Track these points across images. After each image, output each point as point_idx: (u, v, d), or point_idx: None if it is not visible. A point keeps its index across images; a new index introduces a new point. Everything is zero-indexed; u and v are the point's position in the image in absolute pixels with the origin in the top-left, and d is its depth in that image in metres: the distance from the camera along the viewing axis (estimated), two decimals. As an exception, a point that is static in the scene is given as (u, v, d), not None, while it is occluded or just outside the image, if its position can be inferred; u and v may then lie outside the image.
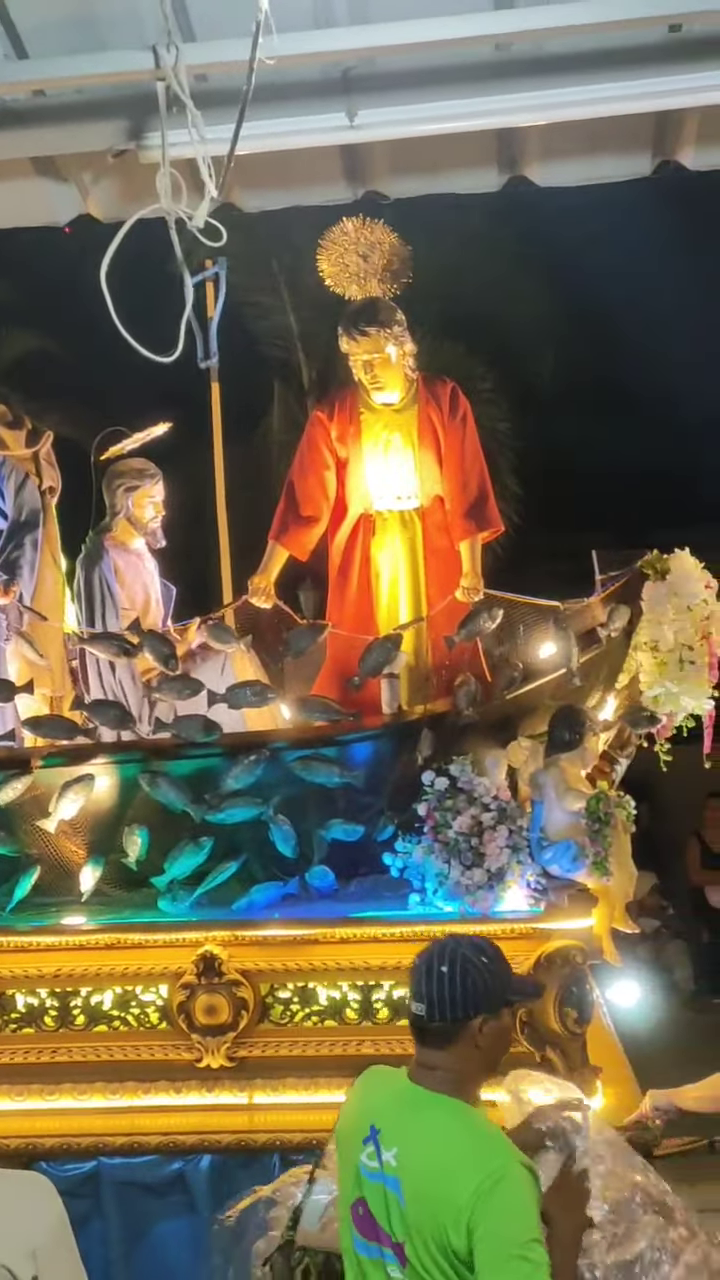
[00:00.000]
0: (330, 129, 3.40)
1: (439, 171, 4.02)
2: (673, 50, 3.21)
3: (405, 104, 3.33)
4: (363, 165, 4.00)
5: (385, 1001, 3.63)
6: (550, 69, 3.25)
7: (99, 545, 4.69)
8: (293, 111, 3.38)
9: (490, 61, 3.32)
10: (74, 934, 3.74)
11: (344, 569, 4.62)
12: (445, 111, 3.33)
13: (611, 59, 3.21)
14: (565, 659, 4.12)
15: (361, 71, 3.35)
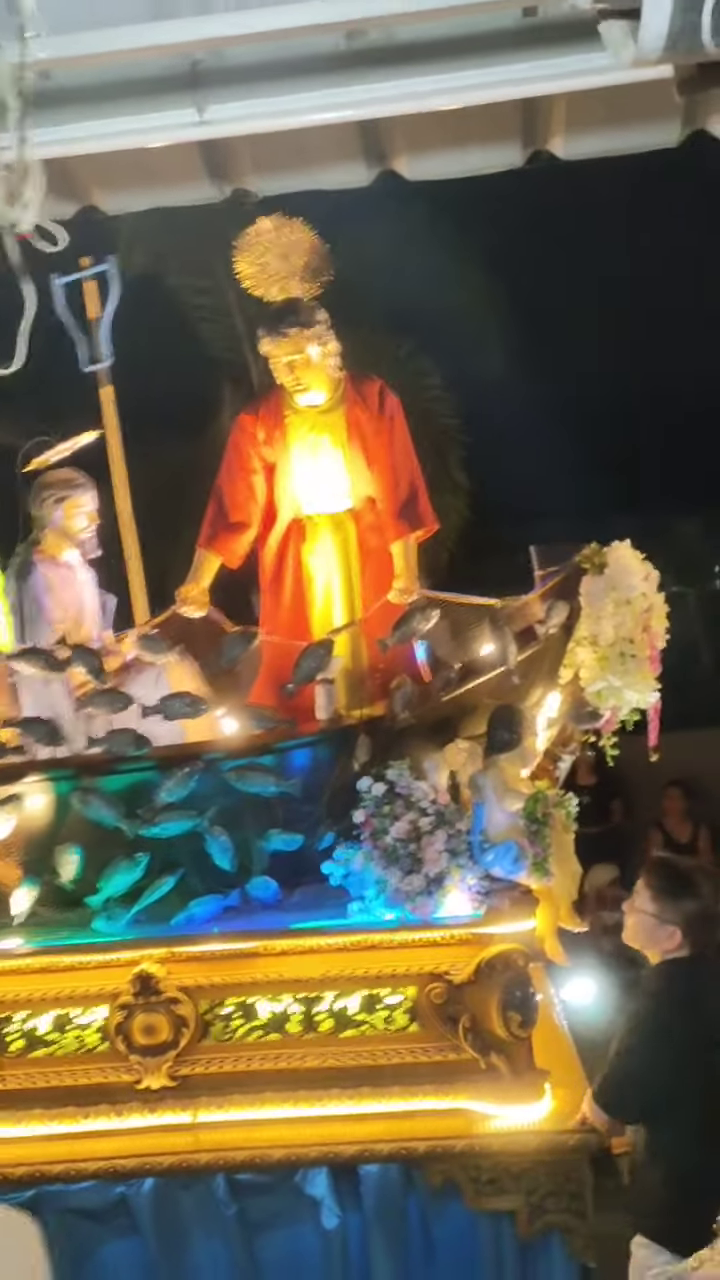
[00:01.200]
0: (181, 125, 3.31)
1: (305, 167, 3.95)
2: (529, 35, 3.14)
3: (257, 98, 3.25)
4: (225, 162, 3.94)
5: (328, 1013, 3.57)
6: (404, 58, 3.17)
7: (28, 559, 4.60)
8: (140, 109, 3.28)
9: (342, 52, 3.24)
10: (6, 958, 3.67)
11: (277, 574, 4.56)
12: (299, 105, 3.24)
13: (466, 46, 3.13)
14: (503, 657, 4.08)
15: (209, 65, 3.26)
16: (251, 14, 2.89)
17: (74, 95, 3.36)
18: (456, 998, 3.50)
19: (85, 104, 3.40)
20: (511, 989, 3.47)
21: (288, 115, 3.36)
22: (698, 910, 3.21)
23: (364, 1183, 3.43)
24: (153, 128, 3.43)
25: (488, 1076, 3.48)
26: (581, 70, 3.14)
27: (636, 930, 3.31)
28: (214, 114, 3.34)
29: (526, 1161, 3.40)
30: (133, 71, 3.34)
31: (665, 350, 11.01)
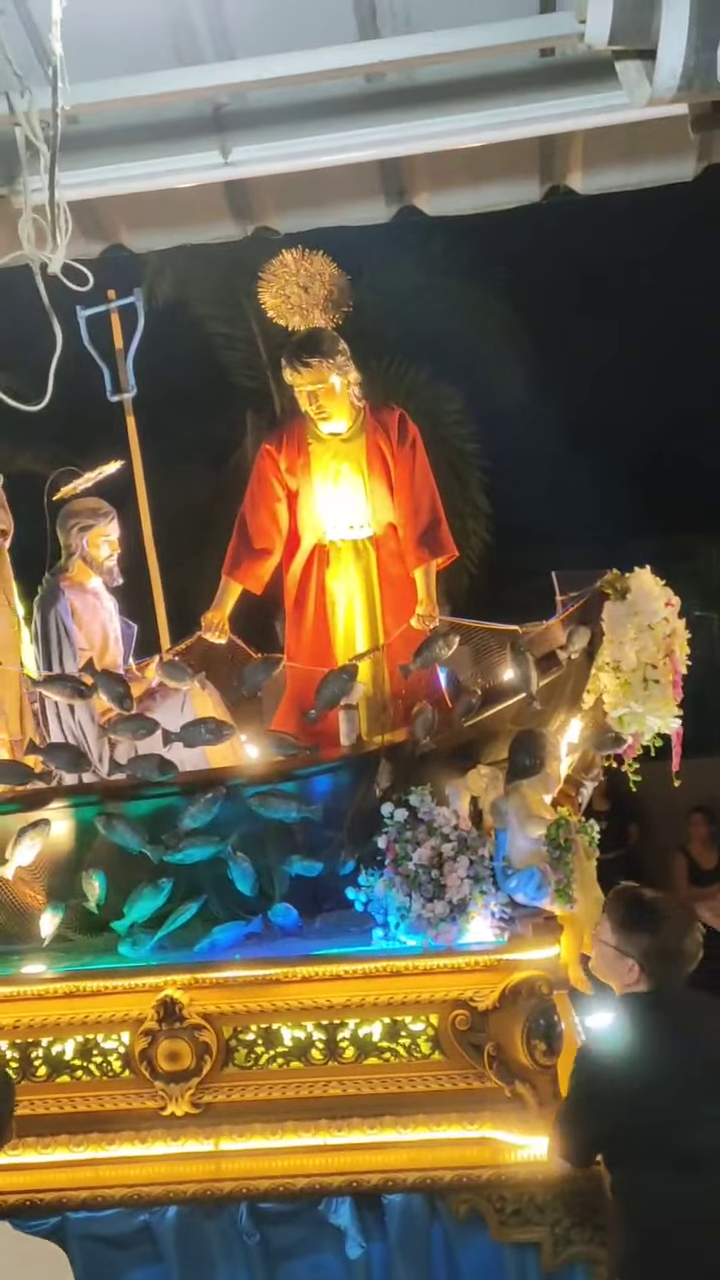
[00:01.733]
0: (206, 167, 3.39)
1: (327, 205, 4.02)
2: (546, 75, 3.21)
3: (280, 139, 3.32)
4: (248, 202, 4.01)
5: (351, 1040, 3.57)
6: (424, 98, 3.25)
7: (55, 586, 4.65)
8: (166, 151, 3.37)
9: (362, 93, 3.32)
10: (32, 983, 3.69)
11: (299, 601, 4.59)
12: (321, 145, 3.32)
13: (485, 86, 3.21)
14: (524, 683, 4.08)
15: (233, 108, 3.34)
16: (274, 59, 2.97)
17: (102, 139, 3.46)
18: (480, 1025, 3.49)
19: (113, 147, 3.50)
20: (536, 1017, 3.46)
21: (310, 156, 3.44)
22: (656, 945, 3.00)
23: (388, 1212, 3.41)
24: (179, 169, 3.52)
25: (512, 1105, 3.46)
26: (598, 109, 3.20)
27: (599, 962, 3.15)
28: (238, 155, 3.43)
29: (551, 1192, 3.37)
30: (158, 115, 3.43)
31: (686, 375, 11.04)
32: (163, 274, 9.41)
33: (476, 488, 9.58)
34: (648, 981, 3.02)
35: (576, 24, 2.46)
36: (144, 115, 3.35)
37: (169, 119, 3.37)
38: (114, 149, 3.40)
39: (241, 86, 3.19)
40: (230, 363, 10.41)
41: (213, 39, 3.22)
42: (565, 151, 3.81)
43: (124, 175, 3.38)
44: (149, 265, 9.07)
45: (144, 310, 5.09)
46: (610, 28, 2.25)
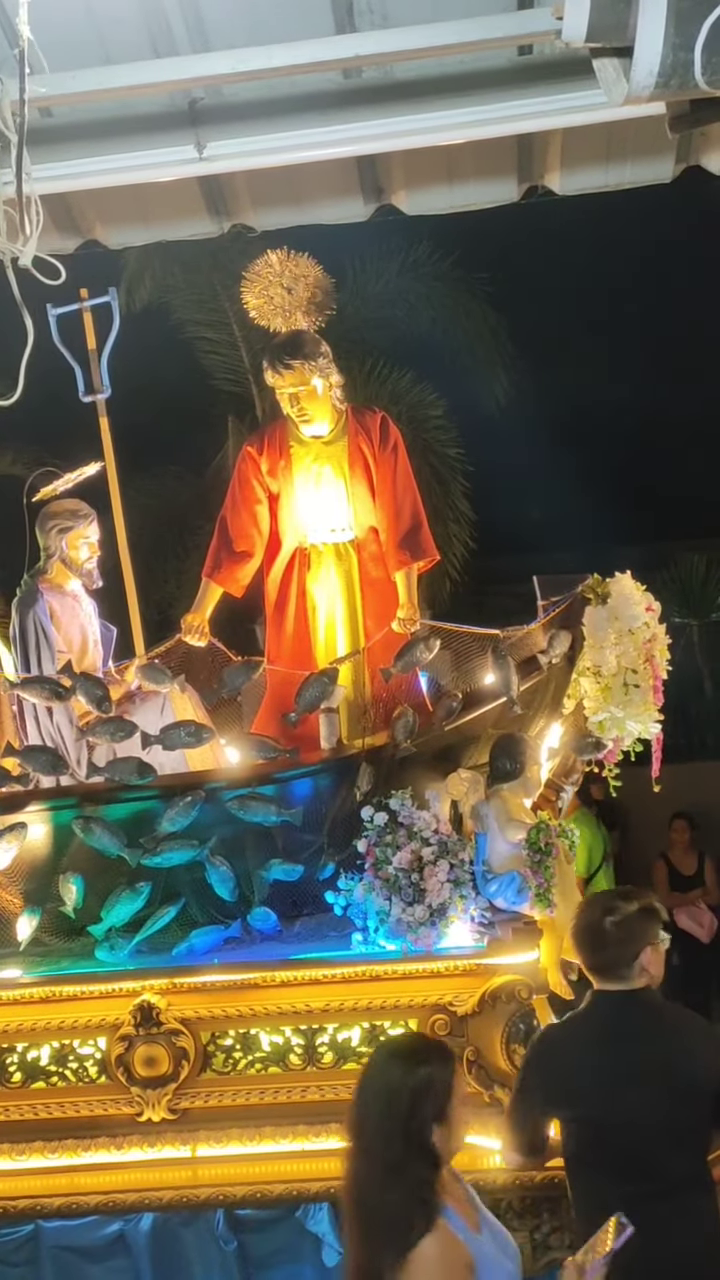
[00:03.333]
0: (180, 162, 3.36)
1: (304, 202, 4.00)
2: (523, 73, 3.21)
3: (255, 134, 3.30)
4: (224, 198, 3.99)
5: (330, 1045, 3.55)
6: (401, 95, 3.23)
7: (34, 588, 4.60)
8: (140, 145, 3.34)
9: (339, 89, 3.31)
10: (7, 988, 3.66)
11: (280, 604, 4.57)
12: (297, 141, 3.31)
13: (462, 83, 3.20)
14: (505, 687, 4.08)
15: (209, 102, 3.32)
16: (250, 51, 2.95)
17: (75, 131, 3.43)
18: (460, 1030, 3.49)
19: (86, 140, 3.46)
20: (515, 1021, 3.46)
21: (287, 151, 3.42)
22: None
23: (366, 1218, 3.38)
24: (153, 164, 3.49)
25: (491, 1110, 3.44)
26: (576, 107, 3.19)
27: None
28: (214, 150, 3.40)
29: (530, 1197, 3.37)
30: (133, 108, 3.40)
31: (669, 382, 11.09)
32: (143, 276, 9.37)
33: (459, 493, 9.57)
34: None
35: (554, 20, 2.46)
36: (117, 108, 3.32)
37: (143, 112, 3.34)
38: (87, 142, 3.37)
39: (217, 80, 3.17)
40: (212, 366, 10.37)
41: (188, 31, 3.20)
42: (544, 151, 3.81)
43: (97, 169, 3.36)
44: (129, 267, 9.04)
45: (122, 311, 5.05)
46: (588, 25, 2.24)
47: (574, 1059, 2.91)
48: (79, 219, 4.05)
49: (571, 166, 3.90)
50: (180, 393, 10.45)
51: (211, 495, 9.66)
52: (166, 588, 9.02)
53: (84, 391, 4.93)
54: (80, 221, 4.06)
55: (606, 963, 2.95)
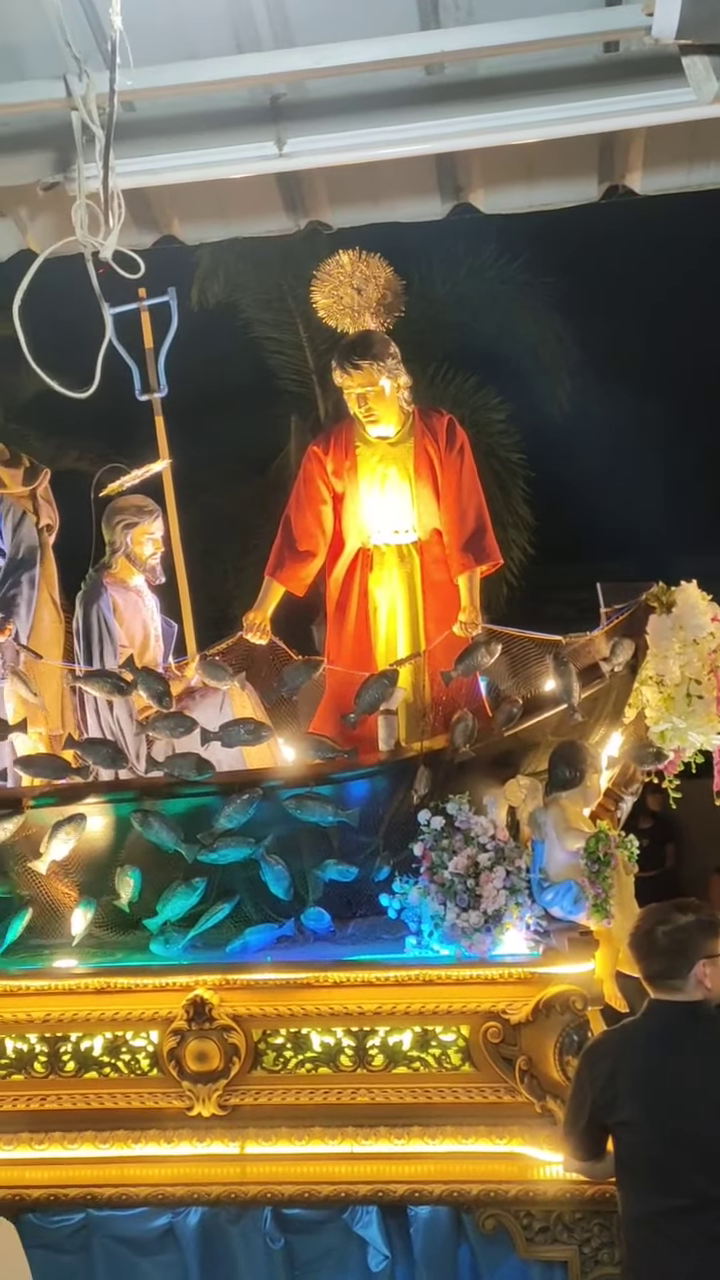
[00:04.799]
0: (260, 158, 3.36)
1: (381, 200, 3.98)
2: (609, 70, 3.16)
3: (336, 131, 3.29)
4: (301, 195, 3.97)
5: (380, 1048, 3.53)
6: (484, 92, 3.20)
7: (98, 583, 4.66)
8: (221, 141, 3.34)
9: (422, 85, 3.28)
10: (64, 978, 3.68)
11: (342, 604, 4.57)
12: (377, 138, 3.28)
13: (547, 80, 3.15)
14: (566, 694, 4.04)
15: (291, 98, 3.31)
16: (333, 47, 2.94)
17: (157, 126, 3.44)
18: (512, 1038, 3.45)
19: (168, 135, 3.48)
20: (570, 1032, 3.42)
21: (367, 148, 3.40)
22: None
23: (413, 1224, 3.38)
24: (233, 159, 3.50)
25: (542, 1121, 3.41)
26: (661, 105, 3.14)
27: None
28: (294, 146, 3.40)
29: (581, 1211, 3.33)
30: (215, 104, 3.41)
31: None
32: (214, 275, 9.44)
33: (519, 498, 9.52)
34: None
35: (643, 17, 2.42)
36: (200, 103, 3.33)
37: (225, 107, 3.35)
38: (169, 137, 3.38)
39: (299, 75, 3.17)
40: (277, 366, 10.43)
41: (272, 26, 3.20)
42: (625, 150, 3.75)
43: (178, 164, 3.37)
44: (202, 264, 9.11)
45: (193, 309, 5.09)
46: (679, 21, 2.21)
47: (623, 1064, 2.89)
48: (158, 214, 4.07)
49: (654, 166, 3.83)
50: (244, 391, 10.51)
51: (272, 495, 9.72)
52: (226, 585, 9.08)
53: (140, 390, 4.98)
54: (158, 216, 4.08)
55: (658, 972, 2.94)
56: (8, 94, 3.32)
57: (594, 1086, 2.92)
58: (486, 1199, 3.36)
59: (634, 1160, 2.84)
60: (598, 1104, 2.91)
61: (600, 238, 8.31)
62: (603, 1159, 2.99)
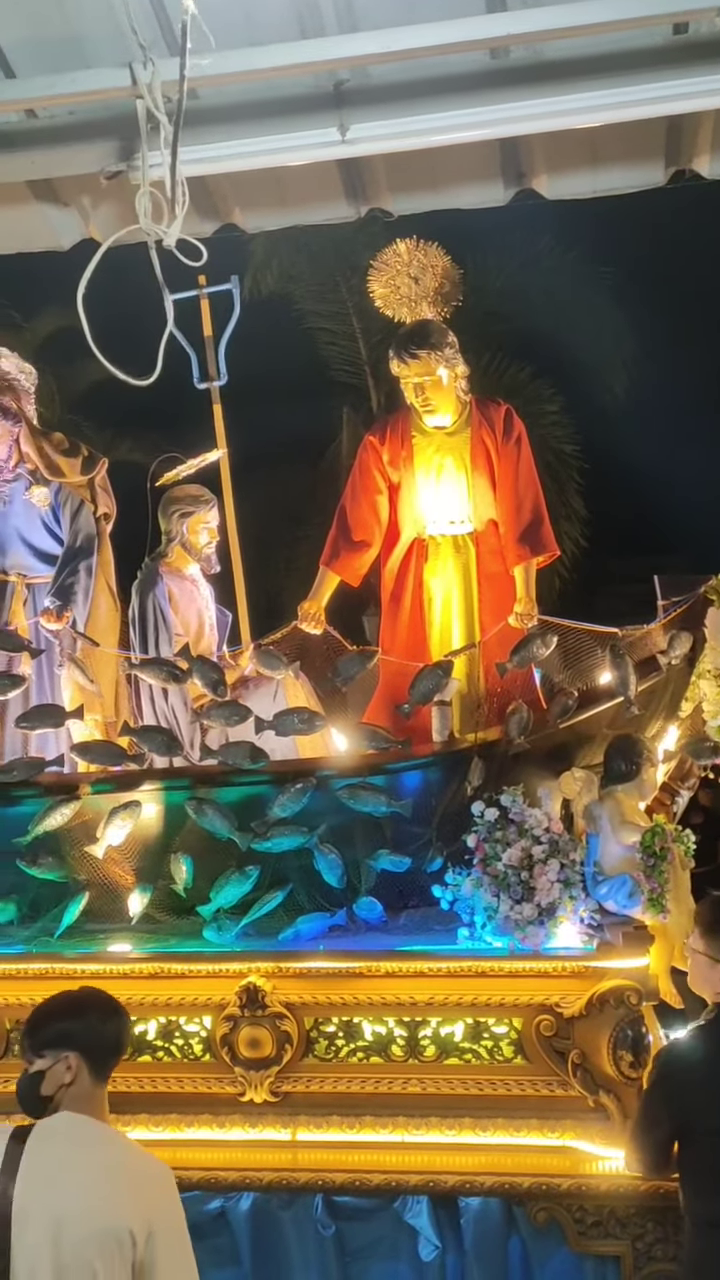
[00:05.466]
0: (322, 144, 3.33)
1: (443, 186, 3.92)
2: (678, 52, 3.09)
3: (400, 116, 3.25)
4: (362, 182, 3.93)
5: (432, 1039, 3.53)
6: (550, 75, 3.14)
7: (154, 571, 4.70)
8: (283, 127, 3.31)
9: (486, 69, 3.23)
10: (118, 962, 3.71)
11: (396, 594, 4.57)
12: (441, 123, 3.23)
13: (614, 63, 3.09)
14: (623, 687, 4.01)
15: (354, 83, 3.27)
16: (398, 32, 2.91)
17: (219, 114, 3.43)
18: (566, 1032, 3.43)
19: (230, 122, 3.47)
20: (624, 1027, 3.39)
21: (430, 133, 3.36)
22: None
23: (464, 1215, 3.37)
24: (296, 146, 3.48)
25: (595, 1116, 3.39)
26: (732, 88, 3.07)
27: (692, 971, 3.13)
28: (356, 133, 3.37)
29: (634, 1206, 3.30)
30: (278, 90, 3.40)
31: None
32: (269, 264, 9.46)
33: (573, 490, 9.46)
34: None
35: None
36: (263, 90, 3.31)
37: (287, 94, 3.33)
38: (231, 124, 3.37)
39: (364, 60, 3.14)
40: (330, 357, 10.44)
41: (336, 11, 3.18)
42: (694, 133, 3.67)
43: (240, 152, 3.35)
44: (256, 255, 9.13)
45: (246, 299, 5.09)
46: (752, 2, 2.16)
47: (697, 1071, 2.87)
48: (219, 202, 4.07)
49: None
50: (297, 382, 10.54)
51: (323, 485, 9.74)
52: (276, 575, 9.11)
53: (199, 378, 5.00)
54: (219, 205, 4.08)
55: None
56: (73, 83, 3.33)
57: (679, 1095, 2.89)
58: (538, 1192, 3.35)
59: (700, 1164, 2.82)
60: (684, 1111, 2.88)
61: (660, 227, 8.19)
62: (669, 1166, 2.97)
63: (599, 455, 9.62)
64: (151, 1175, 2.49)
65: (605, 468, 9.59)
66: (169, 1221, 2.43)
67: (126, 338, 3.61)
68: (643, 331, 9.82)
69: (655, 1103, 2.98)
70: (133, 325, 3.73)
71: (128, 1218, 2.35)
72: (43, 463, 4.67)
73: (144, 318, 3.51)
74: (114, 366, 3.17)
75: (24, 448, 4.68)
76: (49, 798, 3.93)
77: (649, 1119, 2.99)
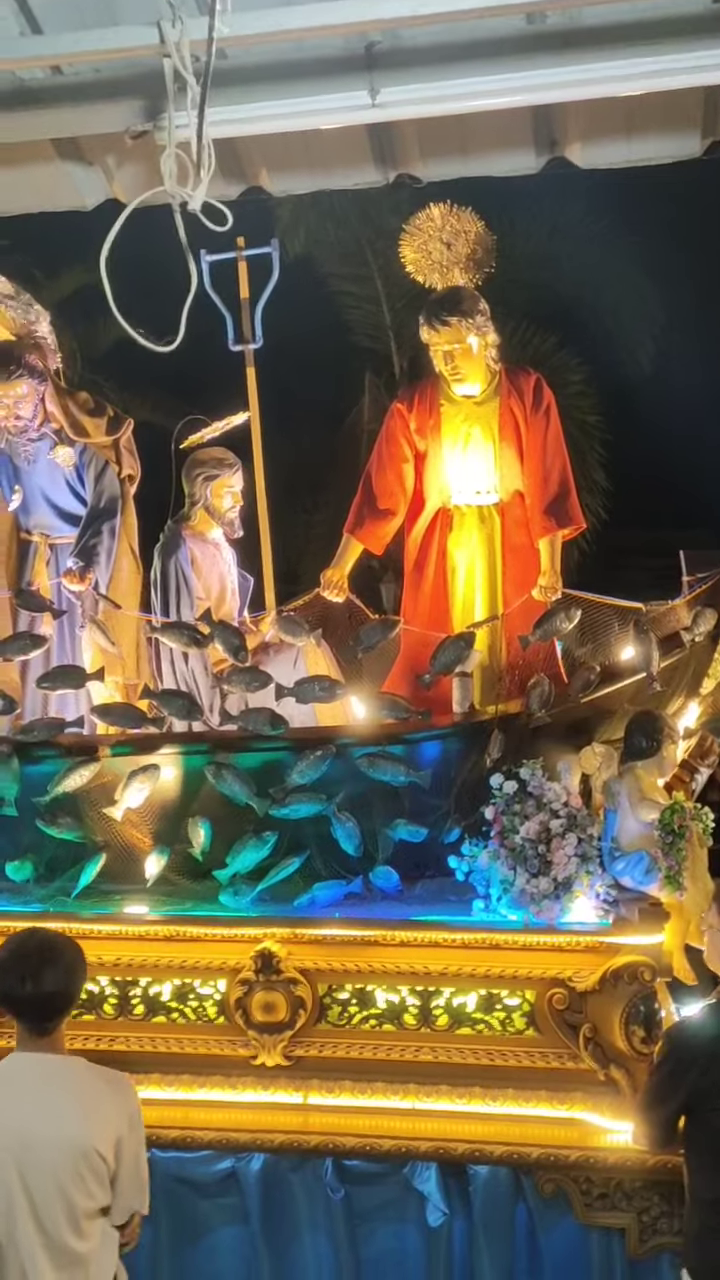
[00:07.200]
0: (352, 108, 3.27)
1: (473, 153, 3.86)
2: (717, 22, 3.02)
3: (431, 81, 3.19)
4: (392, 147, 3.87)
5: (445, 1008, 3.55)
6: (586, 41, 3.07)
7: (177, 534, 4.69)
8: (313, 90, 3.26)
9: (521, 34, 3.16)
10: (135, 924, 3.74)
11: (420, 563, 4.54)
12: (474, 88, 3.17)
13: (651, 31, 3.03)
14: (645, 663, 3.98)
15: (385, 46, 3.21)
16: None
17: (249, 75, 3.38)
18: (578, 1006, 3.44)
19: (259, 84, 3.42)
20: (636, 1003, 3.40)
21: (462, 99, 3.31)
22: None
23: (472, 1183, 3.40)
24: (325, 109, 3.43)
25: (605, 1089, 3.41)
26: (773, 57, 3.00)
27: (710, 948, 3.15)
28: (387, 97, 3.32)
29: (641, 1179, 3.33)
30: (308, 51, 3.34)
31: None
32: (297, 229, 9.35)
33: (595, 462, 9.36)
34: None
35: (756, -35, 2.31)
36: (293, 51, 3.26)
37: (318, 55, 3.27)
38: (260, 86, 3.32)
39: (396, 23, 3.08)
40: (353, 322, 10.33)
41: None
42: (730, 103, 3.62)
43: (269, 114, 3.30)
44: (283, 219, 9.02)
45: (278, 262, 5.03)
46: None
47: (707, 1049, 2.89)
48: (245, 165, 4.02)
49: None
50: (319, 347, 10.43)
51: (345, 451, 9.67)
52: (296, 541, 9.07)
53: (234, 340, 4.95)
54: (246, 167, 4.03)
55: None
56: (100, 40, 3.29)
57: (687, 1077, 2.91)
58: (546, 1162, 3.37)
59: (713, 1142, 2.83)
60: (692, 1088, 2.90)
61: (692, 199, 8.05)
62: (675, 1139, 2.99)
63: (622, 427, 9.51)
64: (111, 1091, 2.73)
65: (628, 440, 9.49)
66: (131, 1128, 2.73)
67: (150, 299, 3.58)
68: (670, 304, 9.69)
69: (664, 1078, 3.00)
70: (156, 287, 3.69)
71: (94, 1139, 2.61)
72: (68, 422, 4.65)
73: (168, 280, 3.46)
74: (136, 330, 3.15)
75: (49, 407, 4.65)
76: (68, 758, 3.94)
77: (657, 1094, 3.01)
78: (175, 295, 3.38)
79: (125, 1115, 2.71)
